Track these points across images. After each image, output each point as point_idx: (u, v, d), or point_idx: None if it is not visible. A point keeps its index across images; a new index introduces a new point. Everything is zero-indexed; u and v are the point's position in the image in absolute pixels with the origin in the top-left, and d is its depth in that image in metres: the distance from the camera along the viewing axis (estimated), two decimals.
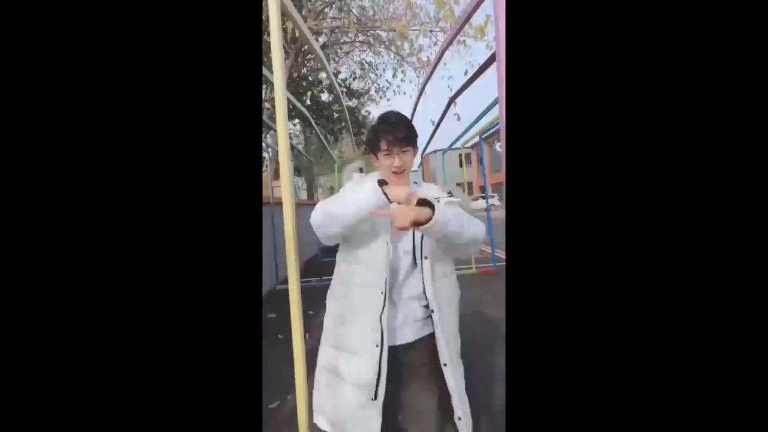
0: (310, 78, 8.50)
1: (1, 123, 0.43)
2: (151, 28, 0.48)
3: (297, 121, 9.19)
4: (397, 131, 1.01)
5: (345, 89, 9.29)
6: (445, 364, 1.00)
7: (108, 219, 0.45)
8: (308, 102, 7.82)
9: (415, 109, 2.49)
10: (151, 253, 0.46)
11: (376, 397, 0.97)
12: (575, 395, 0.44)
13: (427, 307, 1.02)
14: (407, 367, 1.03)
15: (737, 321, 0.41)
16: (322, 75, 8.47)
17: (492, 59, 1.34)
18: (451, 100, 1.97)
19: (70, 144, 0.45)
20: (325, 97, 9.33)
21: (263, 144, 4.79)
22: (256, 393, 0.50)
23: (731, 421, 0.41)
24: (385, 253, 0.99)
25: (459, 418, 1.00)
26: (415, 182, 1.13)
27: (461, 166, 7.66)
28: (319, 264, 5.95)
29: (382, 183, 0.96)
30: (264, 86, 7.84)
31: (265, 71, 1.52)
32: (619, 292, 0.44)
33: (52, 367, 0.44)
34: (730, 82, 0.43)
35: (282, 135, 0.90)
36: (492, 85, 0.68)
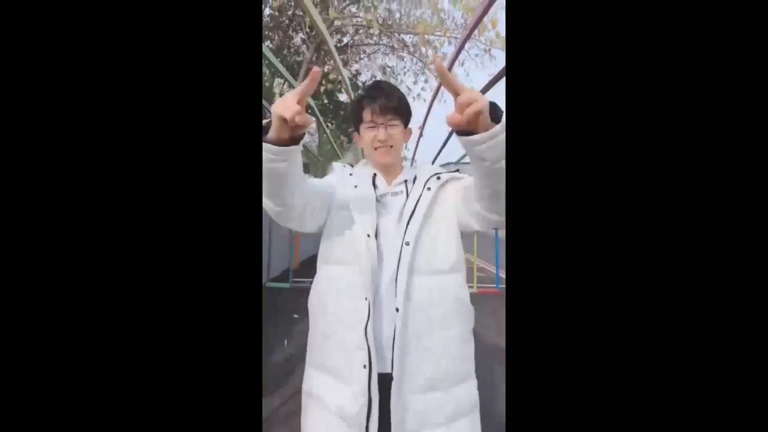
0: (330, 76, 8.49)
1: None
2: (146, 22, 0.46)
3: (313, 119, 9.15)
4: (383, 98, 0.85)
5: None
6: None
7: (109, 207, 0.45)
8: (325, 101, 7.80)
9: (428, 113, 2.39)
10: (146, 246, 0.46)
11: None
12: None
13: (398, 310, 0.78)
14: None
15: (741, 336, 0.38)
16: (344, 74, 8.44)
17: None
18: None
19: (78, 135, 0.44)
20: (344, 98, 9.30)
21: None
22: (255, 389, 0.47)
23: None
24: (365, 249, 0.79)
25: None
26: (413, 164, 0.99)
27: None
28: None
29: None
30: (282, 81, 7.84)
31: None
32: (628, 319, 0.40)
33: (55, 352, 0.43)
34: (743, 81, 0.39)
35: None
36: None
